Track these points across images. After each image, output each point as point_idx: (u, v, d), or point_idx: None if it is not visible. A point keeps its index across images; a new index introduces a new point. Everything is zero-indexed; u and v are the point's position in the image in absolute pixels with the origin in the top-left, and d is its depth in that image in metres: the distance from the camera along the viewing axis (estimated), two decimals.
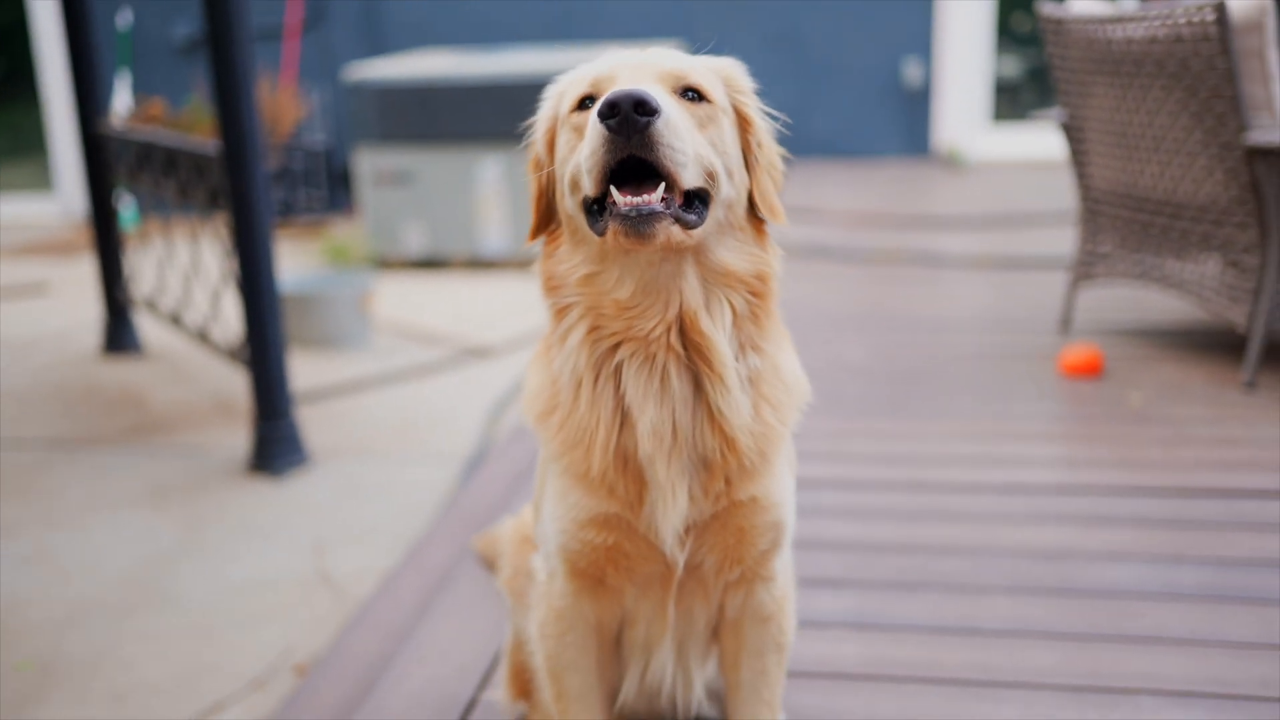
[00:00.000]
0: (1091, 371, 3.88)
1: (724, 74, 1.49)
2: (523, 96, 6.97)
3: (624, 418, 1.47)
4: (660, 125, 1.29)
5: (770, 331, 1.51)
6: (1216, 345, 4.15)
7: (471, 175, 7.19)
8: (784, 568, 1.65)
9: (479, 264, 7.36)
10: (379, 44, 9.39)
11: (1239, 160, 3.55)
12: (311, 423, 4.49)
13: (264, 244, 3.96)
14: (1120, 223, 4.16)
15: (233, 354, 4.35)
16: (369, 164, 7.15)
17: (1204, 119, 3.60)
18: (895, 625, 2.35)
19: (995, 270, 5.60)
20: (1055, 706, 2.05)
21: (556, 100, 1.51)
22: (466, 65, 7.35)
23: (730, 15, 9.14)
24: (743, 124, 1.49)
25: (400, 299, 6.57)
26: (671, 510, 1.47)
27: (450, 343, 5.67)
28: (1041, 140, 9.07)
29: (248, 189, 3.88)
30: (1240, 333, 3.85)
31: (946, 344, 4.35)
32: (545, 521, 1.60)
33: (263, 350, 4.04)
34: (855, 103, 9.01)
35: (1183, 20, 3.51)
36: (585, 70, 1.46)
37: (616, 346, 1.45)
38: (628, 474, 1.49)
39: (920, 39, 8.98)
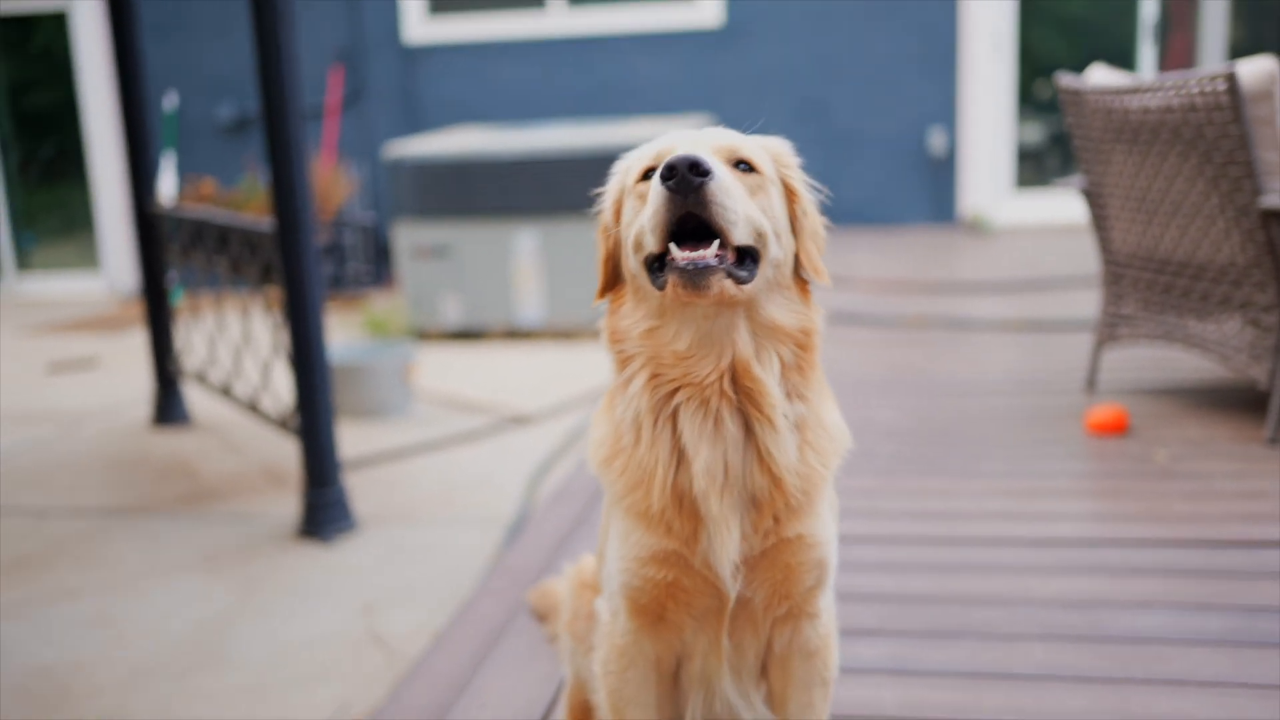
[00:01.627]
0: (1118, 429, 3.97)
1: (773, 150, 1.66)
2: (557, 170, 7.24)
3: (680, 459, 1.61)
4: (713, 185, 1.46)
5: (814, 383, 1.64)
6: (1239, 403, 4.24)
7: (508, 247, 7.40)
8: (828, 606, 1.77)
9: (516, 334, 7.54)
10: (416, 121, 9.69)
11: (1255, 223, 3.67)
12: (358, 490, 4.63)
13: (315, 316, 4.13)
14: (1142, 285, 4.28)
15: (283, 423, 4.51)
16: (407, 238, 7.37)
17: (1220, 184, 3.73)
18: (932, 671, 2.44)
19: (1021, 333, 5.71)
20: None
21: (624, 173, 1.67)
22: (501, 141, 7.59)
23: (760, 88, 9.38)
24: (789, 194, 1.65)
25: (440, 369, 6.73)
26: (728, 542, 1.60)
27: (490, 411, 5.81)
28: (1064, 205, 9.22)
29: (300, 263, 4.06)
30: (1262, 389, 3.94)
31: (975, 405, 4.46)
32: (609, 562, 1.72)
33: (313, 418, 4.20)
34: (882, 171, 9.20)
35: (1196, 90, 3.66)
36: (649, 146, 1.63)
37: (674, 393, 1.59)
38: (683, 512, 1.62)
39: (944, 108, 9.19)
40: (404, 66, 9.77)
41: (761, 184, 1.59)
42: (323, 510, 4.24)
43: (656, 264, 1.54)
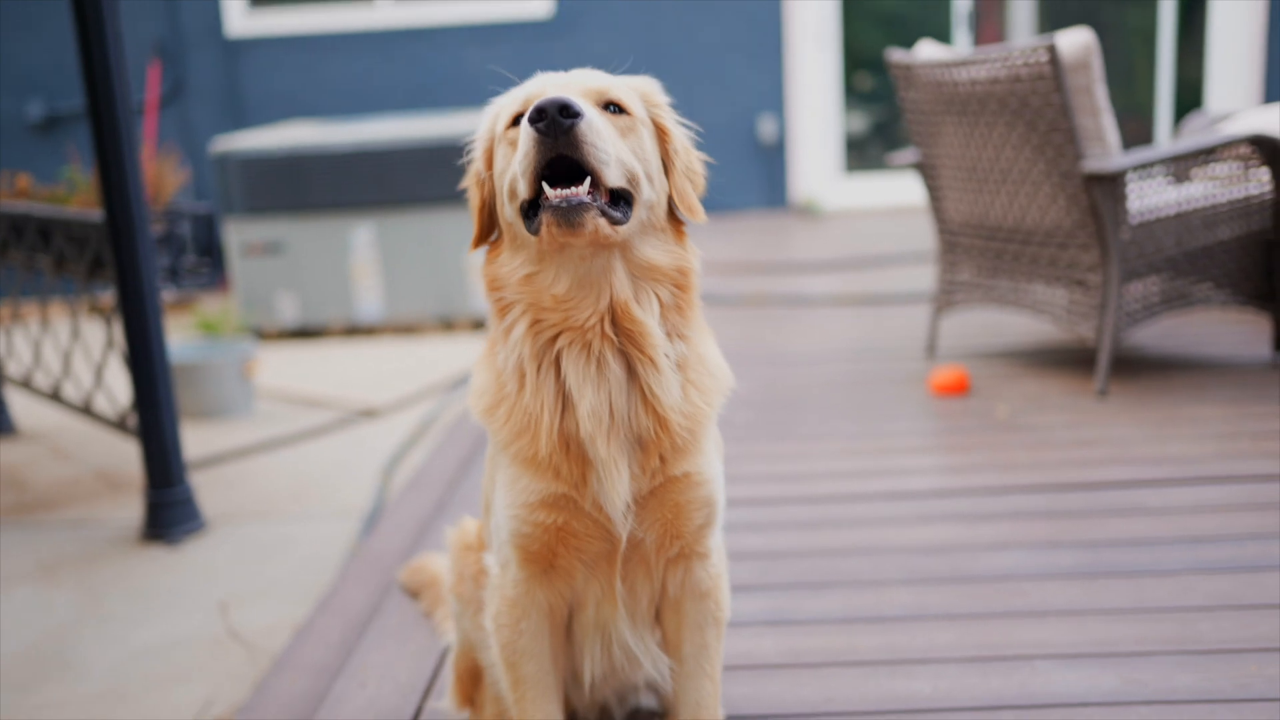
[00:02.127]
0: (959, 389, 4.14)
1: (642, 90, 1.67)
2: (391, 162, 7.12)
3: (565, 403, 1.61)
4: (583, 126, 1.46)
5: (693, 322, 1.66)
6: (1070, 359, 4.48)
7: (344, 242, 7.23)
8: (718, 546, 1.79)
9: (357, 330, 7.38)
10: (241, 117, 9.38)
11: (1078, 187, 3.87)
12: (204, 490, 4.46)
13: (152, 306, 3.96)
14: (976, 252, 4.47)
15: (121, 422, 4.31)
16: (238, 235, 7.13)
17: (1045, 151, 3.92)
18: (808, 620, 2.50)
19: (859, 306, 5.89)
20: (961, 675, 2.23)
21: (493, 120, 1.65)
22: (333, 134, 7.42)
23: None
24: (661, 134, 1.65)
25: (280, 367, 6.54)
26: (618, 483, 1.60)
27: (336, 406, 5.68)
28: (890, 188, 9.55)
29: (135, 252, 3.88)
30: (1091, 346, 4.17)
31: (822, 373, 4.58)
32: (497, 512, 1.71)
33: (154, 416, 4.02)
34: (715, 158, 9.23)
35: (1020, 62, 3.84)
36: (518, 90, 1.62)
37: (556, 337, 1.59)
38: (571, 456, 1.62)
39: (773, 97, 9.39)
40: (227, 60, 9.44)
41: (632, 125, 1.59)
42: (168, 511, 4.06)
43: (531, 209, 1.54)
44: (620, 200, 1.54)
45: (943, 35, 9.50)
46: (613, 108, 1.59)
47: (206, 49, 9.42)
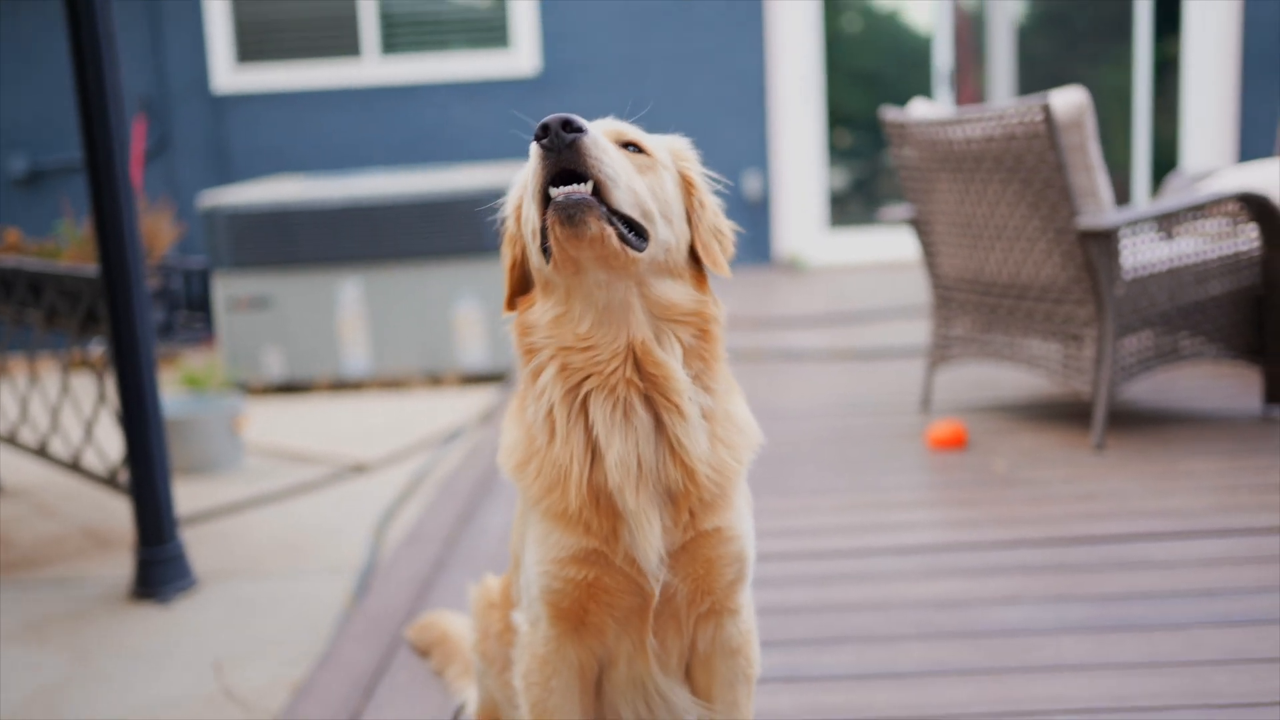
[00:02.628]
0: (957, 444, 4.15)
1: (669, 144, 1.69)
2: (380, 218, 7.14)
3: (594, 454, 1.60)
4: (586, 140, 1.47)
5: (719, 376, 1.66)
6: (1066, 414, 4.50)
7: (331, 298, 7.22)
8: (747, 602, 1.78)
9: (343, 385, 7.35)
10: (228, 172, 9.39)
11: (1073, 243, 3.92)
12: (195, 546, 4.40)
13: (148, 361, 3.93)
14: (970, 307, 4.50)
15: (112, 479, 4.26)
16: (224, 290, 7.11)
17: (1039, 207, 3.97)
18: (822, 676, 2.48)
19: (851, 361, 5.91)
20: None
21: (524, 177, 1.66)
22: (320, 189, 7.44)
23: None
24: (687, 186, 1.66)
25: (267, 422, 6.50)
26: (650, 536, 1.59)
27: (326, 462, 5.64)
28: (873, 244, 9.64)
29: (130, 306, 3.86)
30: (1086, 400, 4.20)
31: (818, 428, 4.59)
32: (528, 568, 1.69)
33: (147, 471, 3.98)
34: None
35: (1015, 120, 3.89)
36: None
37: (582, 382, 1.58)
38: (601, 509, 1.61)
39: (758, 153, 9.48)
40: (213, 115, 9.47)
41: (651, 165, 1.60)
42: (159, 569, 4.01)
43: (545, 239, 1.54)
44: (634, 230, 1.54)
45: (922, 94, 9.64)
46: (631, 148, 1.61)
47: (193, 104, 9.45)
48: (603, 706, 1.77)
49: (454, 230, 7.19)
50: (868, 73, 10.34)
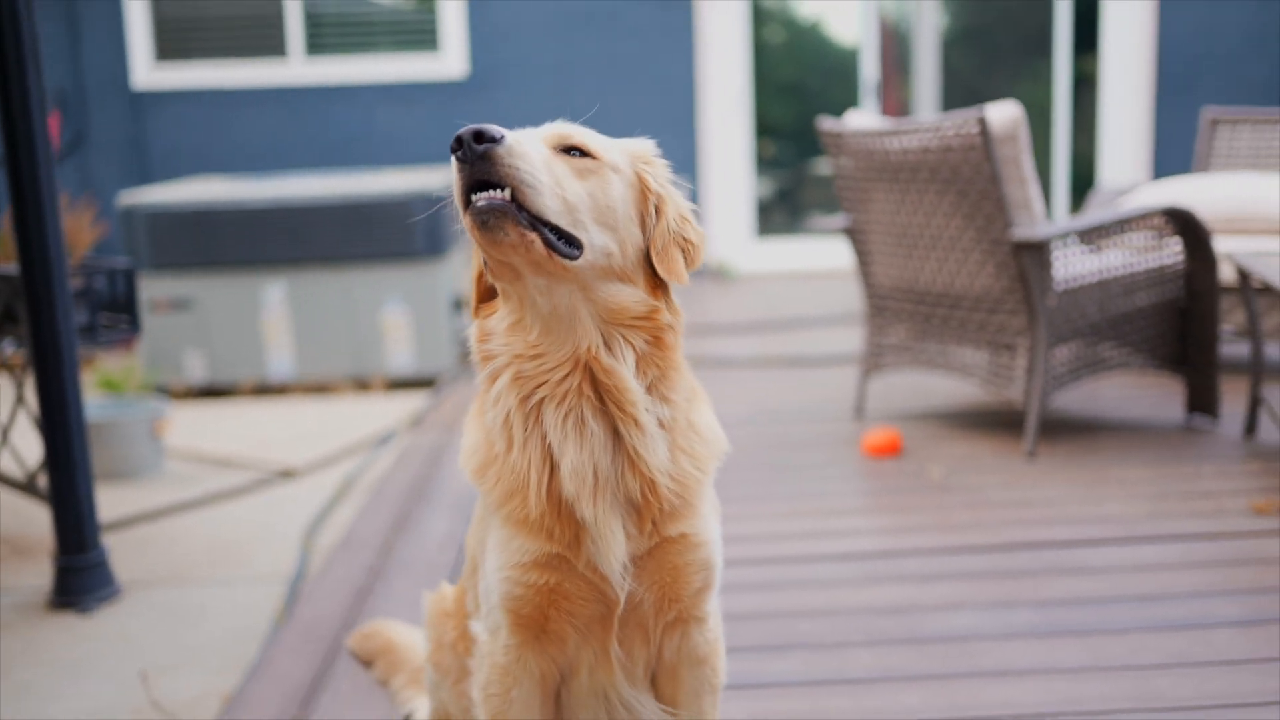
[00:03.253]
0: (892, 451, 4.19)
1: (630, 147, 1.65)
2: (305, 219, 7.02)
3: (552, 463, 1.57)
4: (500, 150, 1.45)
5: (677, 384, 1.63)
6: (998, 422, 4.57)
7: (255, 300, 7.08)
8: (714, 611, 1.76)
9: (267, 389, 7.20)
10: (147, 171, 9.17)
11: (1007, 254, 3.98)
12: (117, 554, 4.26)
13: (69, 361, 3.79)
14: (905, 315, 4.54)
15: (29, 484, 4.11)
16: (144, 292, 6.92)
17: (974, 218, 4.02)
18: (772, 683, 2.48)
19: (783, 368, 5.94)
20: None
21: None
22: (244, 190, 7.29)
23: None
24: (644, 189, 1.63)
25: (190, 427, 6.33)
26: (613, 544, 1.56)
27: (251, 467, 5.51)
28: (800, 252, 9.73)
29: (53, 308, 3.73)
30: (1018, 408, 4.26)
31: (753, 436, 4.59)
32: (488, 574, 1.66)
33: (68, 476, 3.84)
34: None
35: (951, 132, 3.94)
36: None
37: (536, 390, 1.55)
38: (562, 517, 1.58)
39: (686, 160, 9.50)
40: (132, 113, 9.23)
41: (595, 168, 1.56)
42: (81, 577, 3.87)
43: None
44: (569, 240, 1.51)
45: (847, 105, 9.75)
46: (575, 152, 1.57)
47: (110, 101, 9.20)
48: (563, 716, 1.74)
49: (382, 234, 7.09)
50: (791, 83, 10.43)
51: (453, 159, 1.48)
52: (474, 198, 1.45)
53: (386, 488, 4.39)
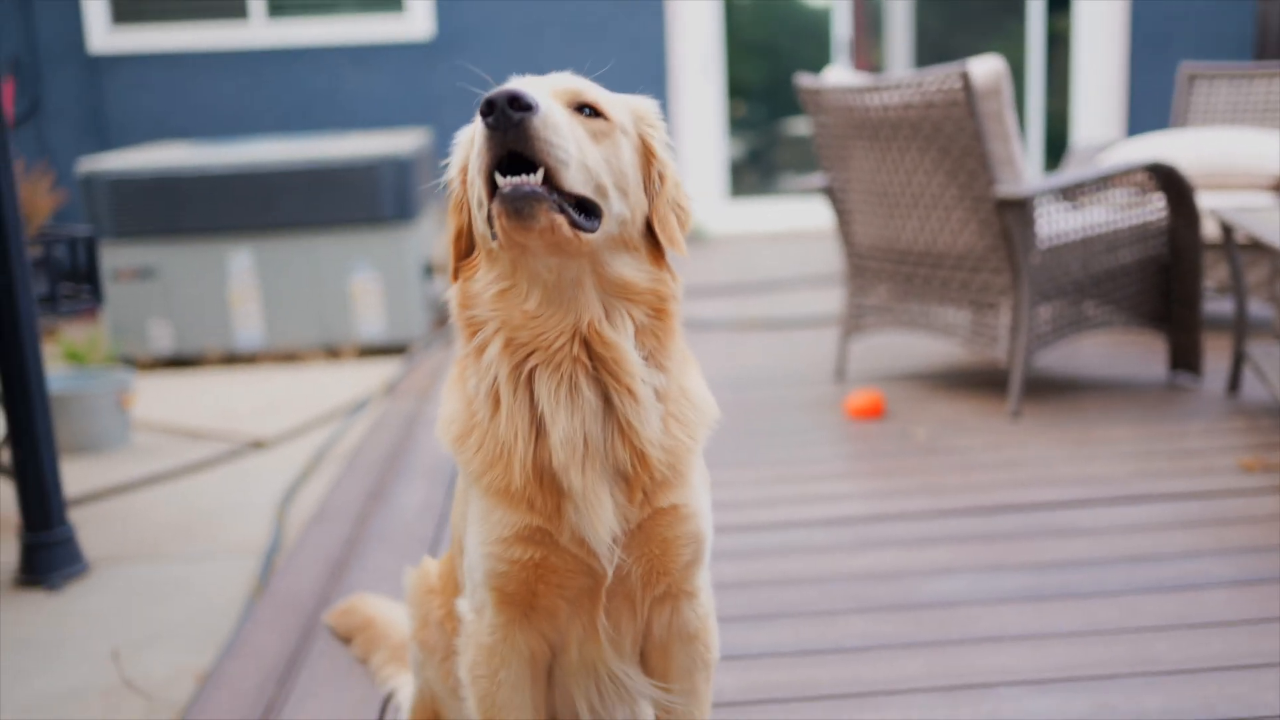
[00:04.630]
0: (875, 413, 4.14)
1: (633, 106, 1.57)
2: (271, 185, 6.86)
3: (539, 431, 1.50)
4: (536, 120, 1.35)
5: (673, 352, 1.57)
6: (980, 381, 4.52)
7: (222, 267, 6.93)
8: (705, 585, 1.70)
9: (236, 358, 7.07)
10: (106, 138, 8.95)
11: (990, 212, 3.91)
12: (85, 530, 4.16)
13: (30, 335, 3.69)
14: (885, 276, 4.48)
15: None
16: (107, 260, 6.76)
17: (957, 175, 3.95)
18: (762, 653, 2.42)
19: (761, 331, 5.88)
20: (929, 707, 2.17)
21: (468, 141, 1.54)
22: (208, 155, 7.12)
23: (476, 100, 9.26)
24: (648, 154, 1.55)
25: (157, 398, 6.21)
26: (601, 515, 1.50)
27: (221, 438, 5.40)
28: (773, 213, 9.65)
29: (11, 277, 3.61)
30: (1002, 368, 4.21)
31: (734, 400, 4.53)
32: (470, 550, 1.58)
33: (32, 451, 3.73)
34: None
35: (933, 88, 3.86)
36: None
37: (528, 357, 1.47)
38: (545, 487, 1.51)
39: None
40: (89, 78, 9.01)
41: (608, 131, 1.48)
42: (48, 554, 3.77)
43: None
44: (587, 210, 1.43)
45: (819, 66, 9.65)
46: (587, 110, 1.48)
47: (67, 66, 8.97)
48: (554, 693, 1.67)
49: (350, 199, 6.95)
50: (762, 44, 10.32)
51: (480, 124, 1.37)
52: (501, 181, 1.35)
53: (360, 457, 4.30)
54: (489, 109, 1.34)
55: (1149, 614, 2.50)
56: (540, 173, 1.35)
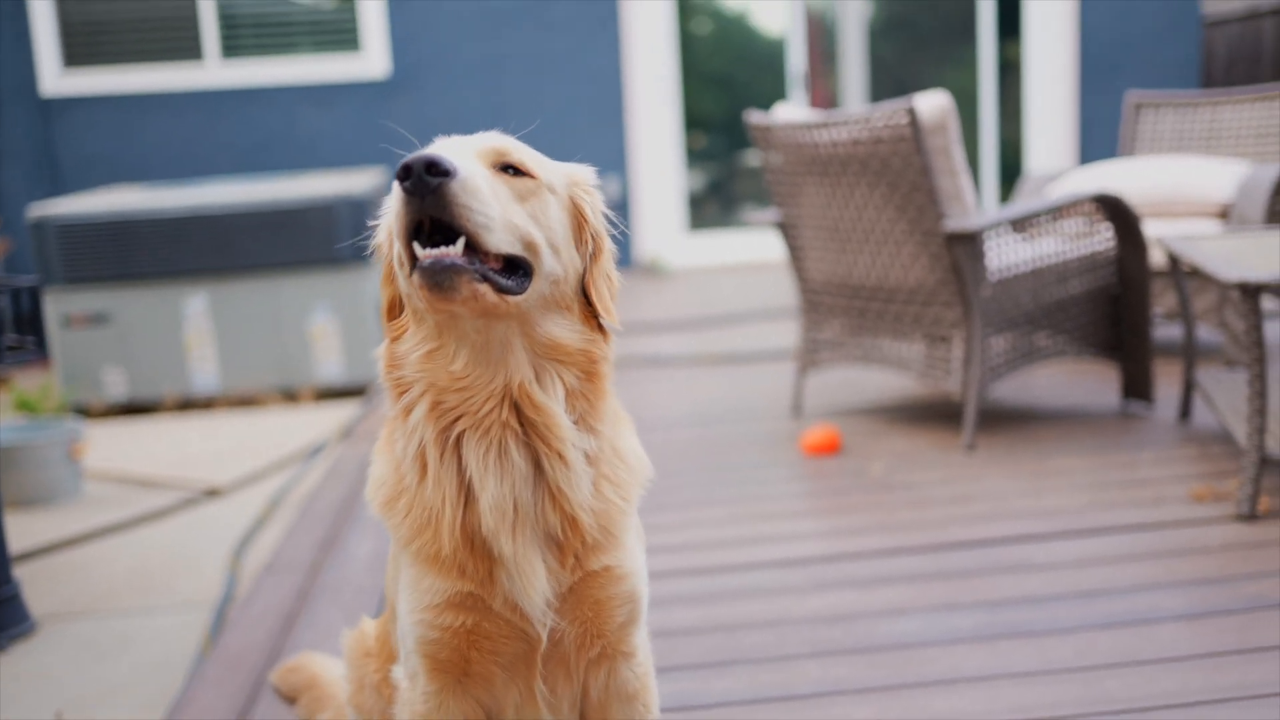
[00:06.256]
0: (831, 449, 4.13)
1: (568, 170, 1.56)
2: (226, 227, 6.82)
3: (468, 496, 1.47)
4: (455, 185, 1.33)
5: (605, 414, 1.55)
6: (935, 415, 4.53)
7: (176, 312, 6.87)
8: (643, 643, 1.68)
9: (192, 404, 6.99)
10: (58, 182, 8.87)
11: (940, 246, 3.93)
12: (30, 586, 4.08)
13: None
14: (839, 311, 4.49)
15: None
16: (58, 307, 6.68)
17: (906, 211, 3.97)
18: (717, 702, 2.40)
19: (718, 366, 5.87)
20: None
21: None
22: (161, 198, 7.06)
23: (433, 138, 9.24)
24: (579, 217, 1.54)
25: (110, 446, 6.12)
26: (533, 579, 1.48)
27: (175, 486, 5.33)
28: (732, 246, 9.68)
29: None
30: (955, 401, 4.22)
31: (689, 437, 4.52)
32: (402, 616, 1.56)
33: None
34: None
35: (880, 124, 3.88)
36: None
37: (456, 421, 1.45)
38: (476, 553, 1.49)
39: (615, 156, 9.39)
40: (40, 121, 8.93)
41: (535, 189, 1.47)
42: None
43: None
44: (517, 269, 1.42)
45: (775, 97, 9.71)
46: (512, 170, 1.47)
47: (17, 109, 8.89)
48: None
49: (306, 240, 6.91)
50: (719, 75, 10.37)
51: (396, 189, 1.35)
52: (420, 253, 1.33)
53: (315, 505, 4.25)
54: (405, 174, 1.32)
55: (1101, 651, 2.50)
56: (461, 241, 1.34)
